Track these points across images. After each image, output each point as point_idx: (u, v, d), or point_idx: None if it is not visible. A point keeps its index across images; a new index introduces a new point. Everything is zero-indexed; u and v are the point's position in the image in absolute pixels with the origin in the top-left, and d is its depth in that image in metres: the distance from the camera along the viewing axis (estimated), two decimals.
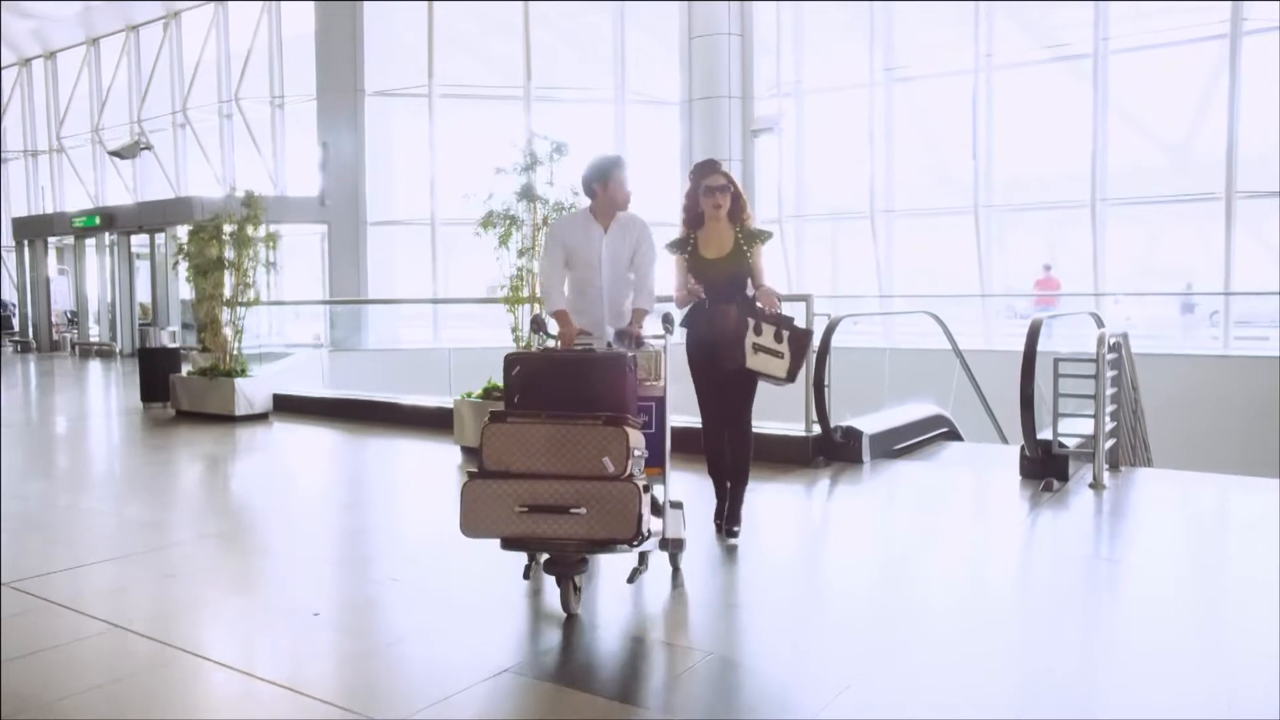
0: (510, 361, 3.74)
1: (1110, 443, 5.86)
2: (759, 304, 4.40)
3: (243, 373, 9.05)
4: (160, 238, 18.93)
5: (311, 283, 18.23)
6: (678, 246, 4.63)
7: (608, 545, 3.38)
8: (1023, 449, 5.76)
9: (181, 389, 9.41)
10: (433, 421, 8.12)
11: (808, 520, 5.55)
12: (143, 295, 19.77)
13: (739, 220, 4.56)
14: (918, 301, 13.93)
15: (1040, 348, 5.83)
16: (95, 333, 20.76)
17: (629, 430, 3.39)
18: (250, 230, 9.02)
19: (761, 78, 18.49)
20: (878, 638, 3.47)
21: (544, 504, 3.32)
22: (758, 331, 4.32)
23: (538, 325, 4.27)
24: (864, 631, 3.54)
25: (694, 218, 4.60)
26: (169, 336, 10.51)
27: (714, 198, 4.49)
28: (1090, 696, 2.98)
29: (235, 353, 9.11)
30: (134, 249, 19.69)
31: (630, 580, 3.86)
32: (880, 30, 16.73)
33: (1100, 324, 6.74)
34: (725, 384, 4.50)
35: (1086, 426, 5.74)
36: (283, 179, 18.96)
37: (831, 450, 6.39)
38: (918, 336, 12.49)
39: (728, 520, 4.63)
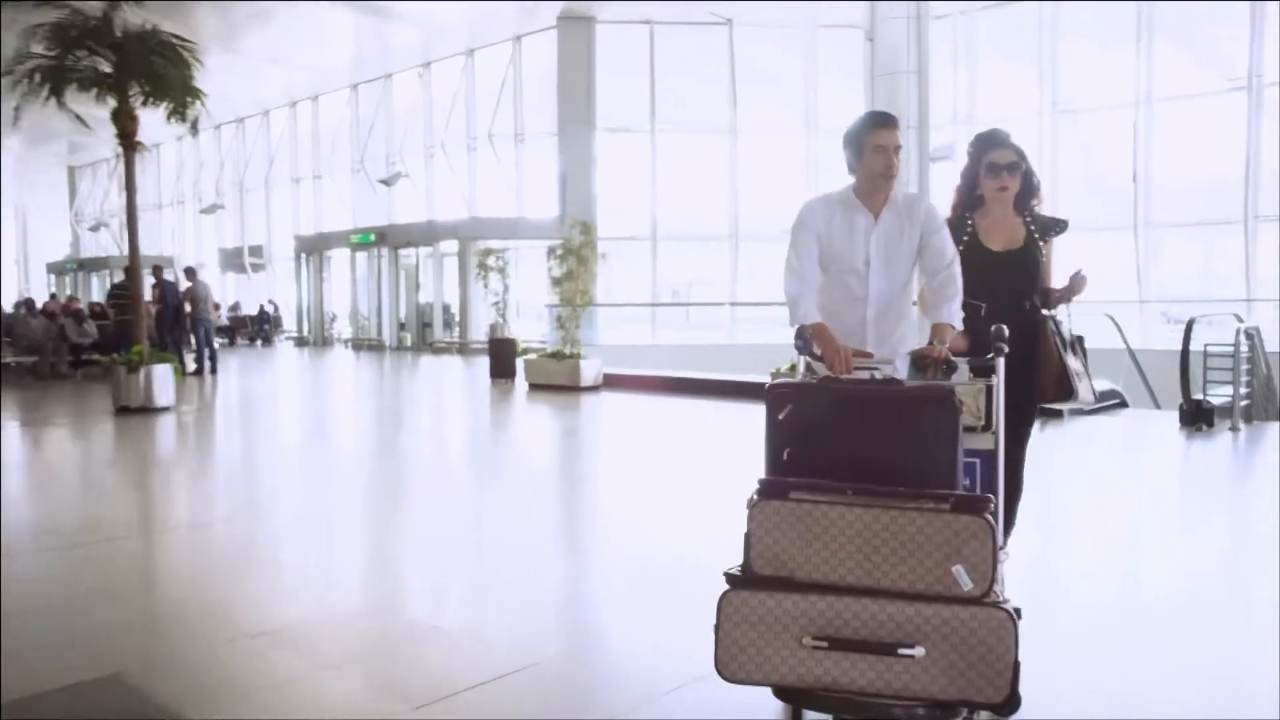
0: (778, 395, 2.54)
1: (1245, 403, 8.51)
2: (1068, 299, 3.52)
3: (582, 356, 12.47)
4: (426, 251, 23.02)
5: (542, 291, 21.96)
6: (950, 231, 3.37)
7: (956, 710, 2.20)
8: (1181, 404, 8.48)
9: (532, 368, 12.91)
10: (716, 391, 11.30)
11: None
12: (408, 299, 23.90)
13: (1027, 207, 3.56)
14: (1097, 306, 16.37)
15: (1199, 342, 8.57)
16: (364, 330, 25.03)
17: (991, 521, 2.22)
18: (585, 251, 12.41)
19: (937, 110, 21.11)
20: None
21: (853, 637, 2.19)
22: (1069, 350, 3.44)
23: (806, 341, 2.93)
24: None
25: (969, 200, 3.58)
26: (503, 330, 14.09)
27: (999, 178, 3.46)
28: None
29: (576, 340, 12.54)
30: (401, 260, 23.84)
31: None
32: (1047, 67, 19.17)
33: (1240, 320, 9.34)
34: (1006, 415, 3.31)
35: (1227, 391, 8.42)
36: (522, 202, 22.71)
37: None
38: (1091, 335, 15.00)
39: None
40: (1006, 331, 2.77)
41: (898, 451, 2.43)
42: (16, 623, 3.83)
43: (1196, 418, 8.30)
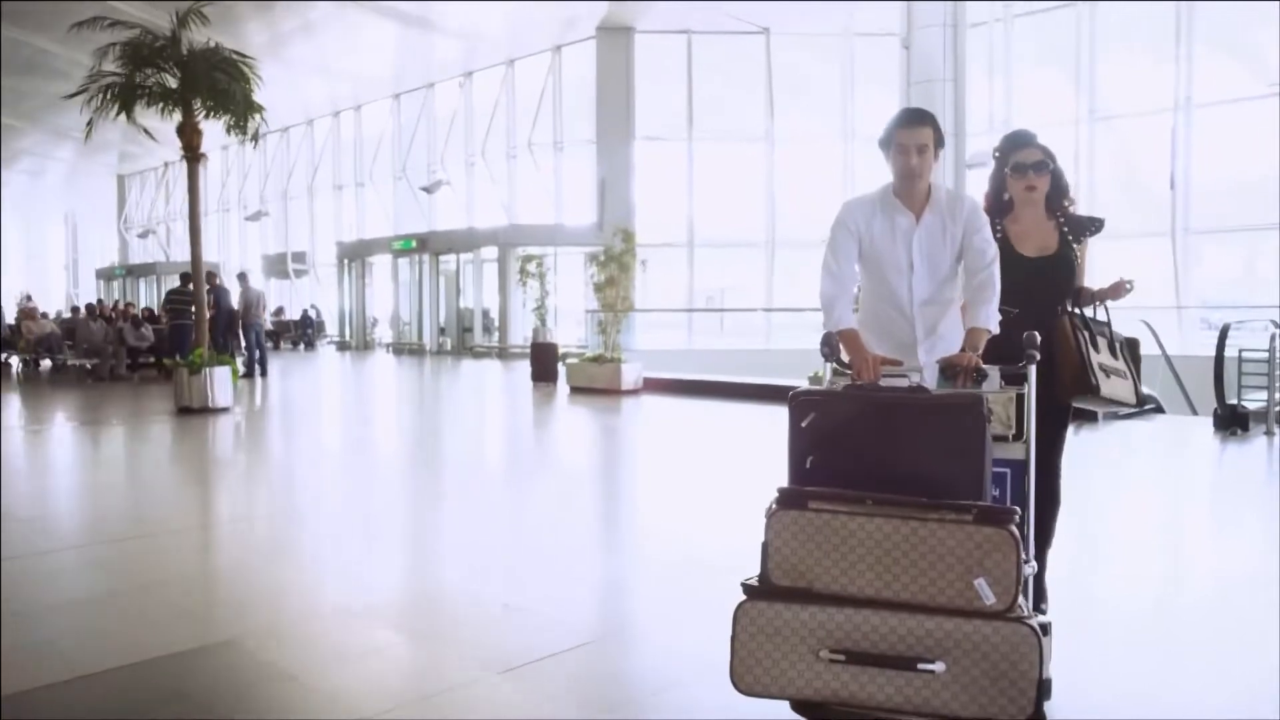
0: (801, 404, 2.53)
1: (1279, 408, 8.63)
2: (1104, 300, 3.46)
3: (623, 360, 12.80)
4: (466, 257, 23.48)
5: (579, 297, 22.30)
6: None
7: None
8: (1215, 409, 8.62)
9: (574, 372, 13.24)
10: (755, 394, 11.55)
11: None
12: (448, 304, 24.38)
13: (1059, 208, 3.50)
14: (1134, 312, 16.42)
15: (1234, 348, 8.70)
16: (405, 335, 25.54)
17: (1016, 533, 2.18)
18: (626, 258, 12.74)
19: (973, 116, 21.24)
20: None
21: (872, 650, 2.14)
22: (1096, 348, 3.37)
23: (833, 348, 2.92)
24: None
25: (998, 205, 3.53)
26: (544, 335, 14.44)
27: (1025, 177, 3.42)
28: None
29: (617, 345, 12.87)
30: (441, 266, 24.32)
31: None
32: (1084, 74, 19.24)
33: (1277, 325, 9.45)
34: (1039, 423, 3.25)
35: (1262, 396, 8.54)
36: (561, 209, 23.10)
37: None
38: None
39: (1033, 596, 3.42)
40: (1039, 338, 2.67)
41: (923, 461, 2.37)
42: (158, 592, 4.21)
43: (1231, 423, 8.45)
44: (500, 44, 23.05)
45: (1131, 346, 3.52)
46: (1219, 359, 8.55)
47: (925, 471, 2.36)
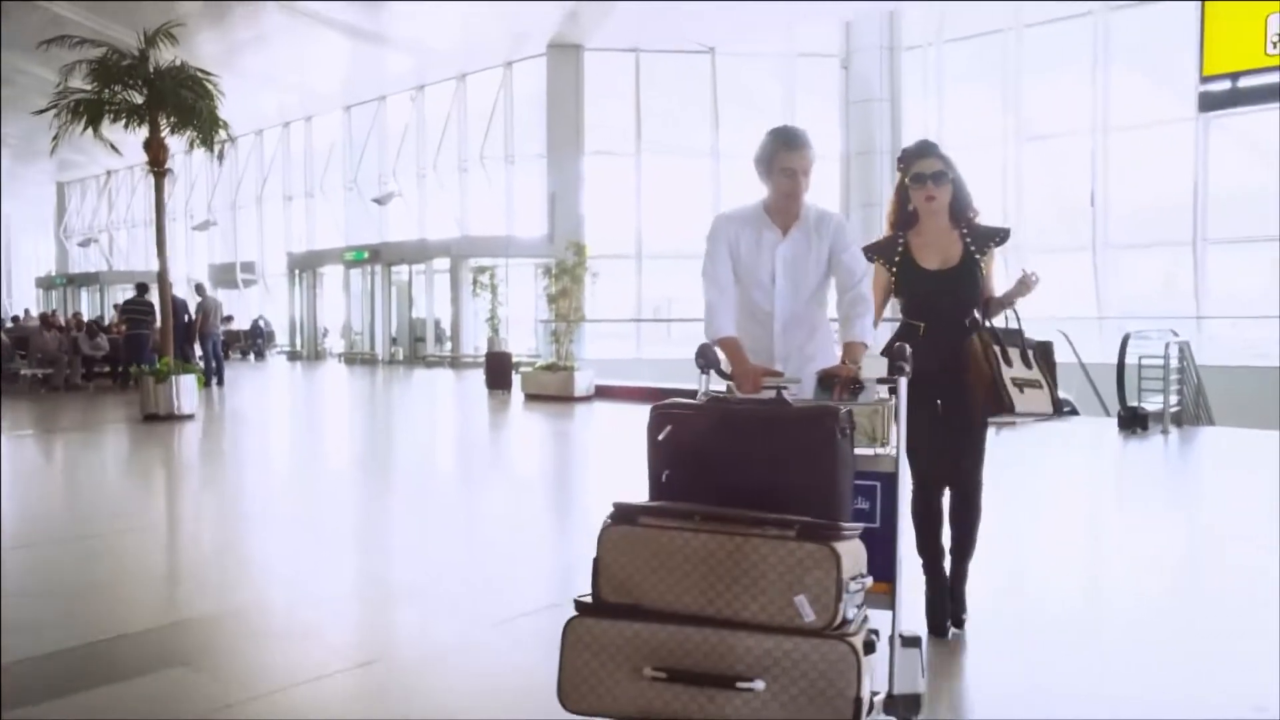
0: (658, 417, 2.52)
1: (1175, 409, 9.51)
2: (1013, 302, 3.43)
3: (575, 368, 13.36)
4: (418, 268, 23.88)
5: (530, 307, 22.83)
6: (881, 251, 3.53)
7: None
8: (1119, 411, 9.46)
9: (528, 379, 13.77)
10: None
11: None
12: (400, 314, 24.71)
13: (964, 219, 3.50)
14: (1050, 323, 17.39)
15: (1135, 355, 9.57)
16: (357, 345, 25.77)
17: (839, 549, 2.12)
18: (578, 270, 13.32)
19: (909, 134, 22.21)
20: None
21: (693, 668, 2.11)
22: (1008, 361, 3.34)
23: (708, 360, 2.88)
24: None
25: (903, 218, 3.53)
26: (499, 344, 14.96)
27: (925, 188, 3.40)
28: None
29: (569, 354, 13.44)
30: (394, 277, 24.65)
31: None
32: (1011, 97, 20.33)
33: (1175, 335, 10.37)
34: (953, 436, 3.45)
35: (1159, 399, 9.42)
36: (512, 221, 23.59)
37: None
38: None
39: (951, 607, 3.57)
40: (908, 351, 2.63)
41: (778, 474, 2.36)
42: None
43: (1132, 422, 9.29)
44: (452, 59, 23.51)
45: (1045, 351, 3.48)
46: (1120, 365, 9.41)
47: (779, 485, 2.35)
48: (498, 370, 14.47)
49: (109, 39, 11.12)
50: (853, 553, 2.20)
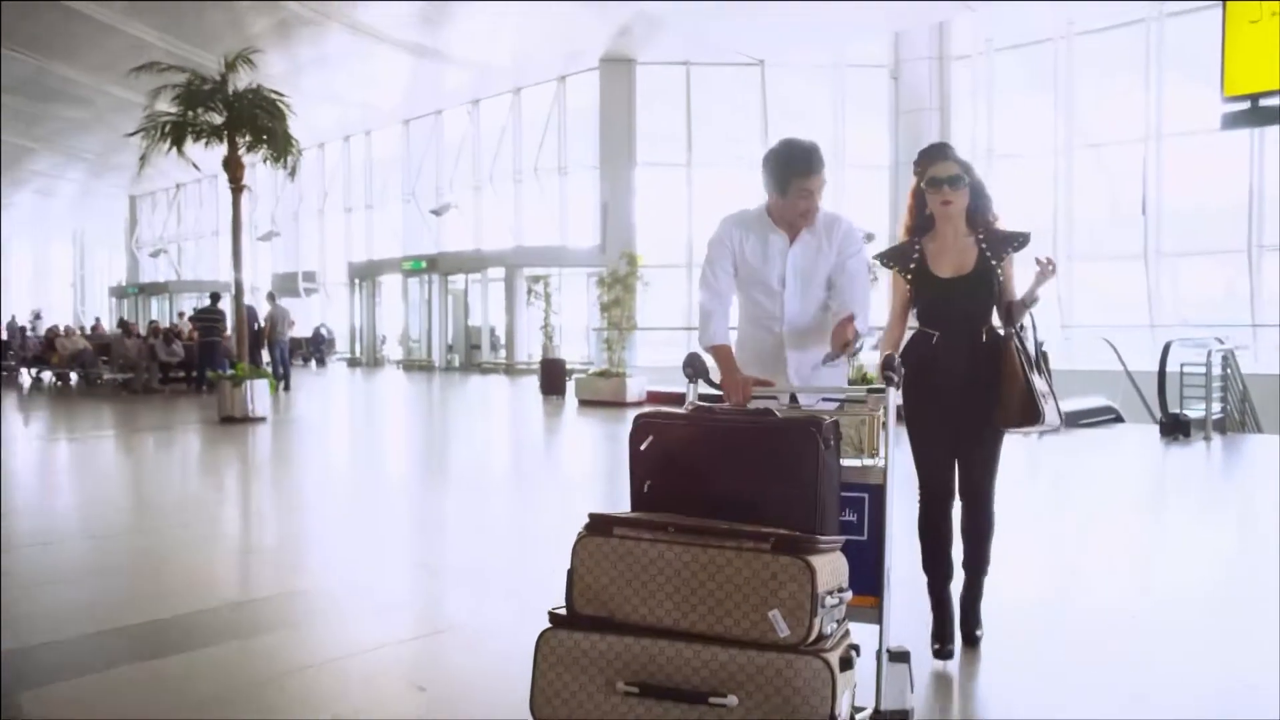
0: (640, 427, 2.50)
1: (1218, 416, 9.65)
2: (1034, 296, 3.28)
3: (628, 374, 13.81)
4: (474, 277, 24.54)
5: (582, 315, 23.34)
6: (895, 258, 3.42)
7: None
8: (1160, 418, 9.62)
9: (582, 385, 14.24)
10: None
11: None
12: (456, 322, 25.40)
13: (982, 224, 3.36)
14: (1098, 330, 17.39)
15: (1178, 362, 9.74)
16: (414, 352, 26.52)
17: (813, 562, 2.10)
18: (630, 280, 13.77)
19: (959, 143, 22.29)
20: None
21: (666, 683, 2.09)
22: (1035, 370, 3.26)
23: (696, 369, 2.87)
24: None
25: (919, 222, 3.41)
26: (553, 351, 15.47)
27: (940, 192, 3.28)
28: None
29: (621, 360, 13.89)
30: (450, 286, 25.36)
31: None
32: (1063, 104, 20.38)
33: (1220, 342, 10.49)
34: (967, 448, 3.37)
35: (1201, 406, 9.57)
36: (565, 231, 24.15)
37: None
38: (1088, 356, 16.06)
39: (964, 621, 3.48)
40: (898, 360, 2.61)
41: (760, 485, 2.32)
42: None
43: (1174, 429, 9.46)
44: (508, 74, 24.16)
45: (1044, 359, 3.40)
46: (1161, 373, 9.58)
47: (761, 496, 2.32)
48: (552, 376, 14.97)
49: (189, 63, 11.85)
50: (831, 566, 2.18)
